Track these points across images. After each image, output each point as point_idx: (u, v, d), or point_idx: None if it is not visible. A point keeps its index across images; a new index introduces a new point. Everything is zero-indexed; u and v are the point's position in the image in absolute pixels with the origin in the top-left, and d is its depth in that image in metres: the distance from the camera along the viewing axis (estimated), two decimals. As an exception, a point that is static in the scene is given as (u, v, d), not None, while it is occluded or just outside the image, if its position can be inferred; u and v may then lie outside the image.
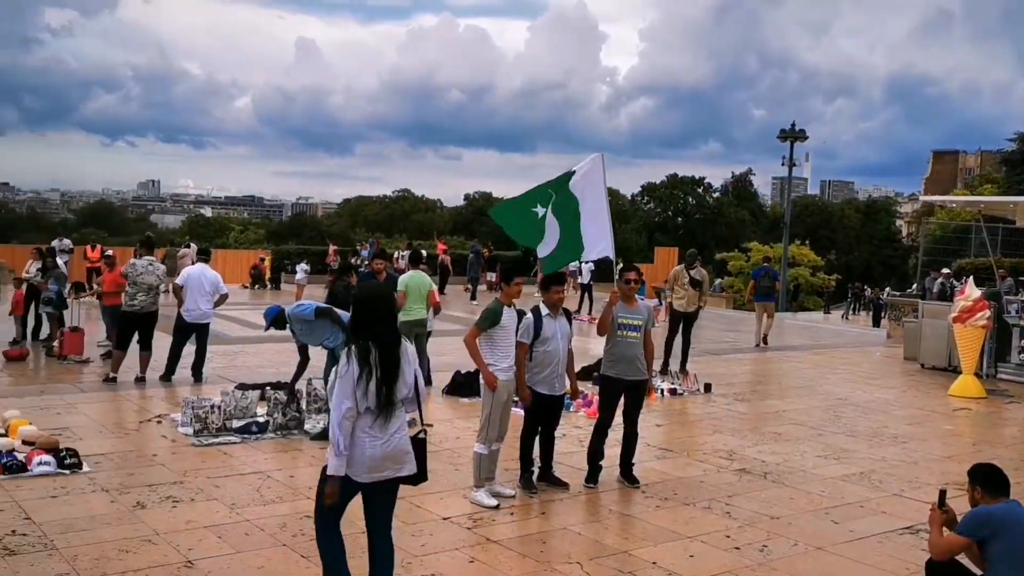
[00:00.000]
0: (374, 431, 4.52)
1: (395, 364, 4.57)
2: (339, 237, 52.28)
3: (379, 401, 4.50)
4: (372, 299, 4.77)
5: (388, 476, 4.60)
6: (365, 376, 4.47)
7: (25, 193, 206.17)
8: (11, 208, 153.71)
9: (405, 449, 4.65)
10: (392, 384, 4.54)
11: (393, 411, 4.57)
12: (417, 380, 4.74)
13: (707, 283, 14.55)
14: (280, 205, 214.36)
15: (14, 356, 12.93)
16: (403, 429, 4.66)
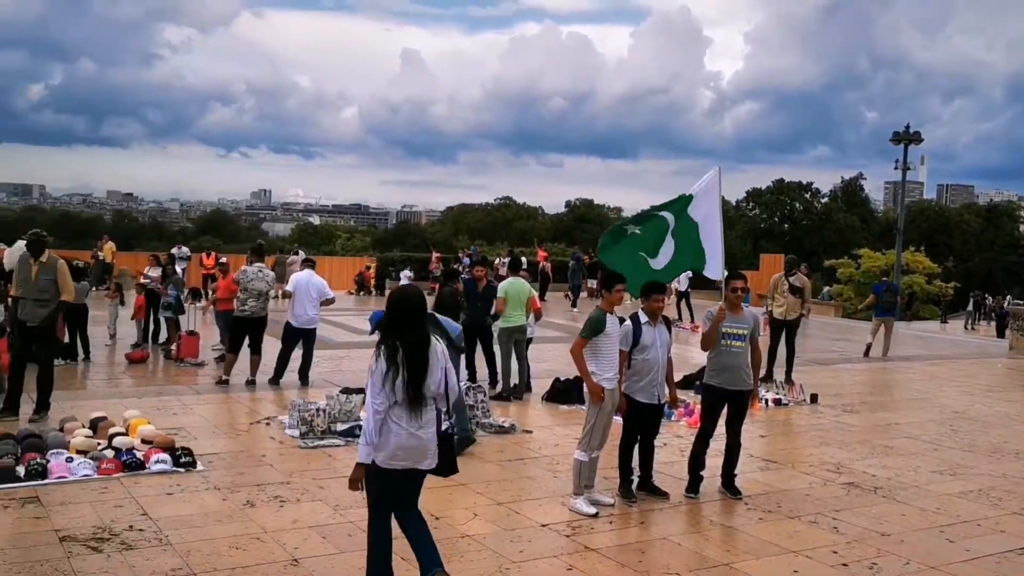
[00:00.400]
0: (403, 423, 4.77)
1: (422, 362, 4.81)
2: (442, 244, 53.05)
3: (407, 396, 4.75)
4: (402, 301, 4.96)
5: (409, 466, 4.83)
6: (392, 373, 4.73)
7: (148, 203, 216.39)
8: (134, 217, 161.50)
9: (427, 443, 4.87)
10: (419, 381, 4.79)
11: (422, 406, 4.82)
12: (448, 379, 4.95)
13: (808, 290, 14.10)
14: (385, 213, 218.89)
15: (135, 358, 13.56)
16: (433, 423, 4.90)
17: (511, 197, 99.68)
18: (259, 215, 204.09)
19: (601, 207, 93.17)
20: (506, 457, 8.54)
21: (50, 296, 9.27)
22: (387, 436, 4.77)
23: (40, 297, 9.22)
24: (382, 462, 4.79)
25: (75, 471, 7.22)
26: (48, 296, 9.26)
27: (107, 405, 9.78)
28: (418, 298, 5.05)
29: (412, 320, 4.91)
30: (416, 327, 4.89)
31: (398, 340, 4.82)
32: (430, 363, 4.85)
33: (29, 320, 9.21)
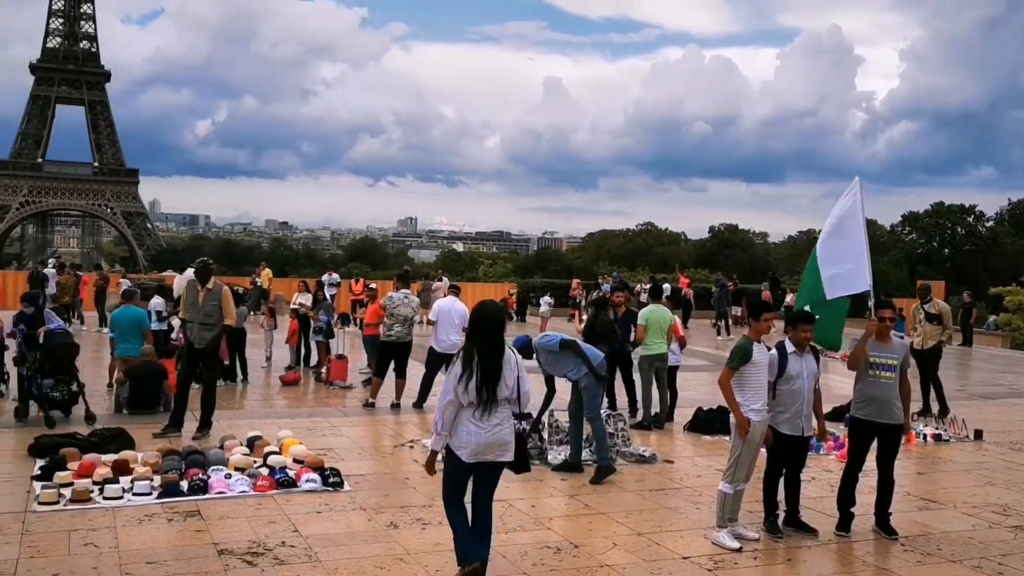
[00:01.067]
0: (477, 421, 5.38)
1: (495, 368, 5.40)
2: (583, 271, 53.11)
3: (480, 397, 5.35)
4: (481, 314, 5.59)
5: (489, 460, 5.45)
6: (466, 376, 5.36)
7: (301, 231, 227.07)
8: (289, 245, 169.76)
9: (506, 440, 5.48)
10: (491, 384, 5.37)
11: (494, 407, 5.40)
12: (520, 385, 5.53)
13: (947, 316, 13.26)
14: (527, 239, 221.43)
15: (289, 381, 14.18)
16: (506, 423, 5.47)
17: (652, 223, 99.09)
18: (405, 242, 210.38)
19: (746, 232, 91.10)
20: (647, 487, 8.42)
21: (215, 320, 9.86)
22: (467, 435, 5.38)
23: (206, 321, 9.81)
24: (468, 457, 5.39)
25: (233, 487, 7.60)
26: (213, 320, 9.85)
27: (262, 425, 10.26)
28: (498, 312, 5.68)
29: (488, 331, 5.52)
30: (493, 337, 5.49)
31: (476, 347, 5.45)
32: (503, 370, 5.42)
33: (196, 342, 9.80)
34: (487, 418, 5.40)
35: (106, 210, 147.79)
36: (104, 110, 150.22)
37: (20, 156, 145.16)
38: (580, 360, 8.79)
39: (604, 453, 8.69)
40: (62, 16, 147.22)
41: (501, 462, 5.53)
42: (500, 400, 5.44)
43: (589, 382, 8.75)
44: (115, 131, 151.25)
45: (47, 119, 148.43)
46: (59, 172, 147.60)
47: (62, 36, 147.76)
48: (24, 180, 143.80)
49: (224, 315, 9.92)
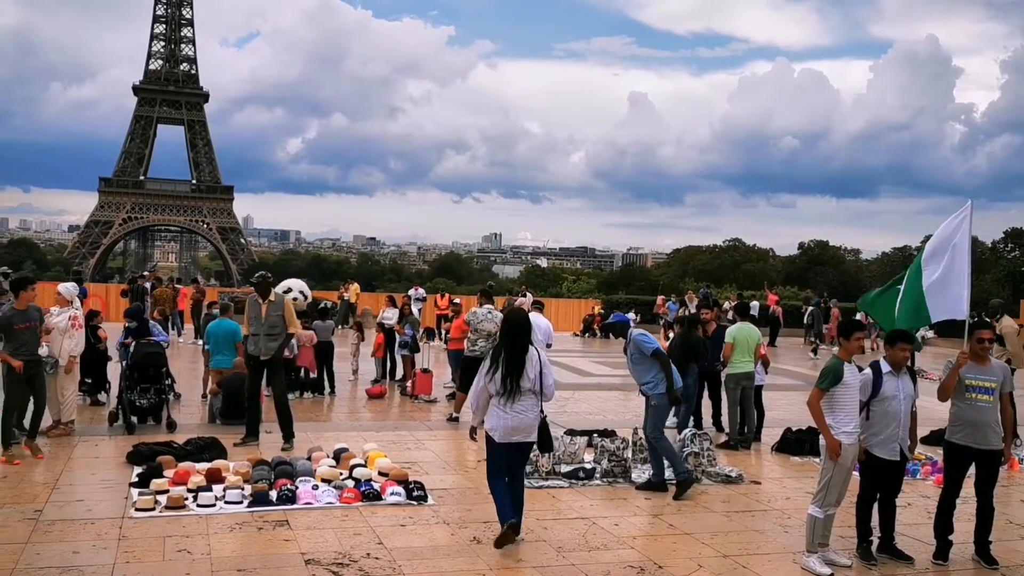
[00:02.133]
0: (503, 408, 6.53)
1: (519, 364, 6.52)
2: (668, 287, 52.54)
3: (505, 387, 6.49)
4: (510, 320, 6.81)
5: (516, 440, 6.59)
6: (492, 369, 6.54)
7: (389, 246, 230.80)
8: (376, 260, 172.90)
9: (530, 423, 6.61)
10: (515, 377, 6.50)
11: (517, 395, 6.52)
12: (544, 378, 6.60)
13: (1011, 338, 12.62)
14: (611, 255, 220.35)
15: (375, 394, 14.39)
16: (530, 410, 6.59)
17: (740, 239, 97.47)
18: (490, 258, 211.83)
19: (837, 249, 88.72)
20: (733, 508, 8.25)
21: (279, 331, 10.16)
22: (496, 419, 6.54)
23: (271, 332, 10.10)
24: (499, 438, 6.55)
25: (320, 498, 7.74)
26: (278, 331, 10.15)
27: (348, 437, 10.43)
28: (523, 318, 6.88)
29: (515, 333, 6.64)
30: (519, 339, 6.61)
31: (503, 346, 6.60)
32: (525, 365, 6.52)
33: (263, 354, 10.06)
34: (511, 405, 6.53)
35: (203, 225, 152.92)
36: (202, 129, 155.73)
37: (123, 174, 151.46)
38: (663, 376, 8.67)
39: (680, 467, 8.57)
40: (164, 40, 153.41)
41: (528, 442, 6.69)
42: (523, 390, 6.53)
43: (661, 402, 8.63)
44: (212, 149, 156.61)
45: (149, 139, 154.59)
46: (159, 189, 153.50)
47: (164, 59, 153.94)
48: (127, 197, 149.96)
49: (287, 324, 10.19)
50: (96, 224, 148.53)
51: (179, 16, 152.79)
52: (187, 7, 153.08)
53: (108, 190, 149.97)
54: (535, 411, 6.63)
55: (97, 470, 8.68)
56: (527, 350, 6.56)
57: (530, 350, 6.59)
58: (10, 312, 9.12)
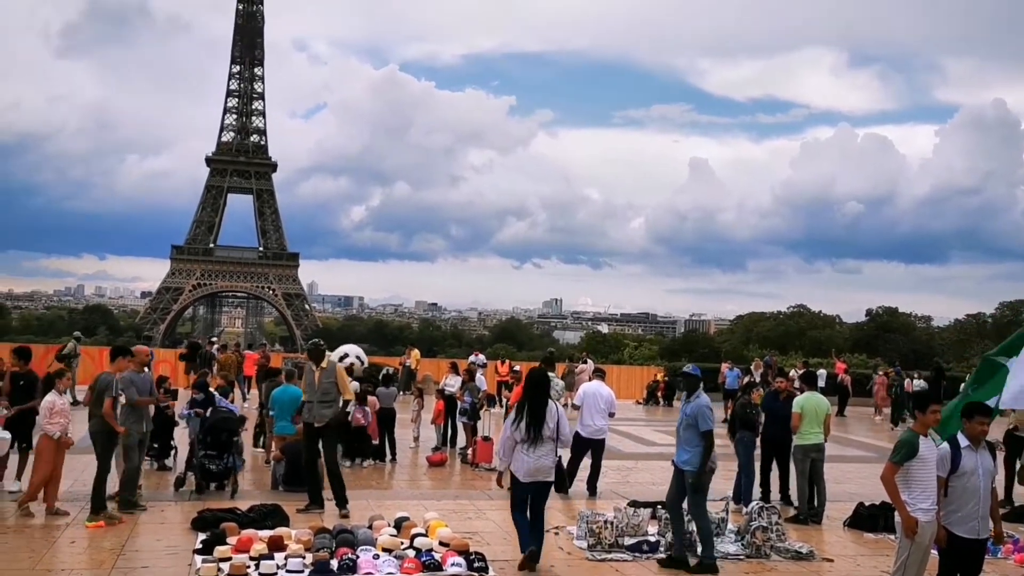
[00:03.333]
0: (526, 453, 7.80)
1: (540, 416, 7.83)
2: (732, 354, 51.76)
3: (529, 435, 7.77)
4: (532, 378, 8.16)
5: (537, 480, 7.87)
6: (518, 420, 7.86)
7: (450, 312, 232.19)
8: (438, 326, 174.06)
9: (548, 466, 7.95)
10: (537, 426, 7.80)
11: (539, 442, 7.81)
12: (560, 428, 7.92)
13: None
14: (673, 321, 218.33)
15: (435, 461, 14.33)
16: (548, 455, 7.91)
17: (805, 305, 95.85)
18: (550, 323, 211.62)
19: (907, 316, 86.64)
20: (804, 587, 7.94)
21: (332, 397, 10.24)
22: (521, 462, 7.80)
23: (324, 399, 10.18)
24: (523, 478, 7.82)
25: (381, 568, 7.67)
26: (331, 397, 10.23)
27: (409, 505, 10.37)
28: (543, 377, 8.27)
29: (537, 389, 7.99)
30: (539, 394, 7.94)
31: (527, 400, 7.92)
32: (546, 417, 7.83)
33: (316, 420, 10.12)
34: (533, 450, 7.80)
35: (269, 292, 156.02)
36: (270, 198, 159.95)
37: (194, 242, 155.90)
38: (699, 447, 8.40)
39: (709, 551, 8.29)
40: (236, 113, 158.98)
41: (547, 481, 8.00)
42: (544, 438, 7.82)
43: (697, 480, 8.37)
44: (279, 217, 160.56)
45: (219, 207, 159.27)
46: (228, 256, 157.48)
47: (235, 131, 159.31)
48: (197, 264, 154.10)
49: (341, 391, 10.26)
50: (167, 290, 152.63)
51: (251, 90, 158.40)
52: (259, 82, 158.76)
53: (179, 257, 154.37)
54: (552, 456, 8.01)
55: (162, 536, 8.75)
56: (547, 403, 7.93)
57: (549, 403, 7.94)
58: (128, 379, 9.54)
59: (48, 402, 9.61)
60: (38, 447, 9.66)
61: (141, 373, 9.93)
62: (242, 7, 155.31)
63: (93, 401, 9.44)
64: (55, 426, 9.46)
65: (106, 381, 9.41)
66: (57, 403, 9.64)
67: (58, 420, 9.52)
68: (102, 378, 9.56)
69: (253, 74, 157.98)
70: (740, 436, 11.54)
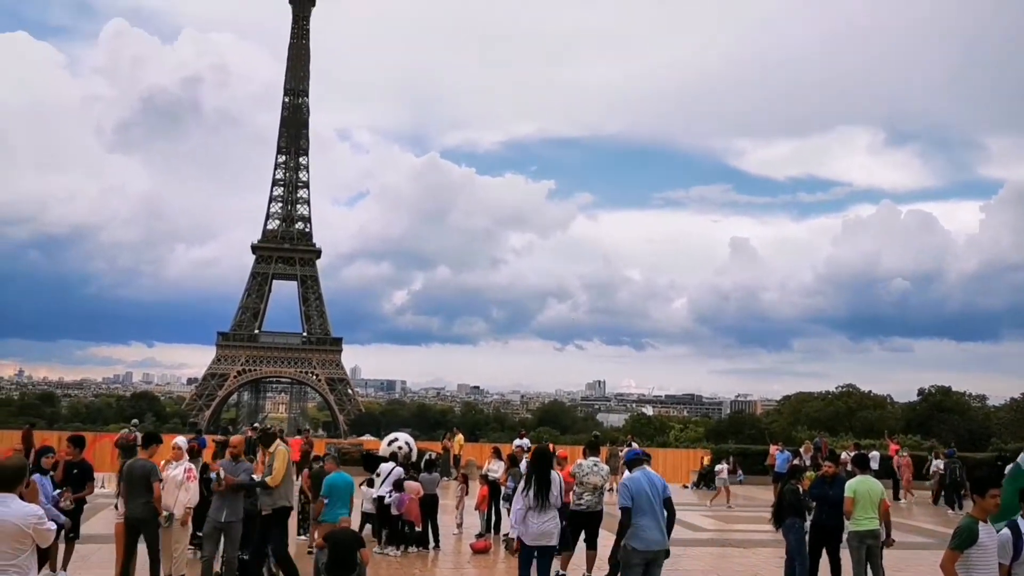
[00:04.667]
0: (534, 517, 8.98)
1: (546, 486, 9.11)
2: (780, 435, 50.70)
3: (537, 502, 9.01)
4: (538, 454, 9.49)
5: (542, 544, 8.97)
6: (527, 488, 9.10)
7: (492, 395, 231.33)
8: (479, 409, 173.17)
9: (552, 531, 9.14)
10: (543, 494, 9.07)
11: (545, 509, 9.07)
12: (562, 496, 9.44)
13: None
14: (719, 403, 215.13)
15: (479, 548, 14.10)
16: (552, 520, 9.11)
17: (854, 384, 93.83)
18: (593, 406, 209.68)
19: (961, 395, 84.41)
20: None
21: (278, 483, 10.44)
22: (530, 527, 8.97)
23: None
24: (528, 541, 9.00)
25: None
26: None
27: (453, 595, 10.15)
28: (546, 452, 9.59)
29: (542, 464, 9.26)
30: (544, 470, 9.23)
31: (534, 472, 9.20)
32: (551, 487, 9.15)
33: (263, 508, 10.32)
34: (539, 516, 9.01)
35: (312, 377, 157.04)
36: (314, 284, 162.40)
37: (240, 328, 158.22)
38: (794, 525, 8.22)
39: None
40: (281, 201, 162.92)
41: (551, 545, 9.16)
42: (549, 505, 9.12)
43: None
44: (323, 303, 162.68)
45: (264, 294, 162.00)
46: (272, 342, 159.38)
47: (280, 219, 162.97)
48: (242, 350, 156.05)
49: (274, 476, 10.38)
50: (213, 377, 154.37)
51: (296, 179, 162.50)
52: (303, 171, 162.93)
53: (225, 344, 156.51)
54: (556, 522, 9.23)
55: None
56: (551, 475, 9.26)
57: (552, 474, 9.27)
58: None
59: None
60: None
61: (236, 463, 10.14)
62: (288, 100, 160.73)
63: (136, 487, 9.50)
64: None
65: (148, 467, 9.47)
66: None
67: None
68: (142, 464, 9.64)
69: (298, 163, 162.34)
70: (790, 523, 11.20)
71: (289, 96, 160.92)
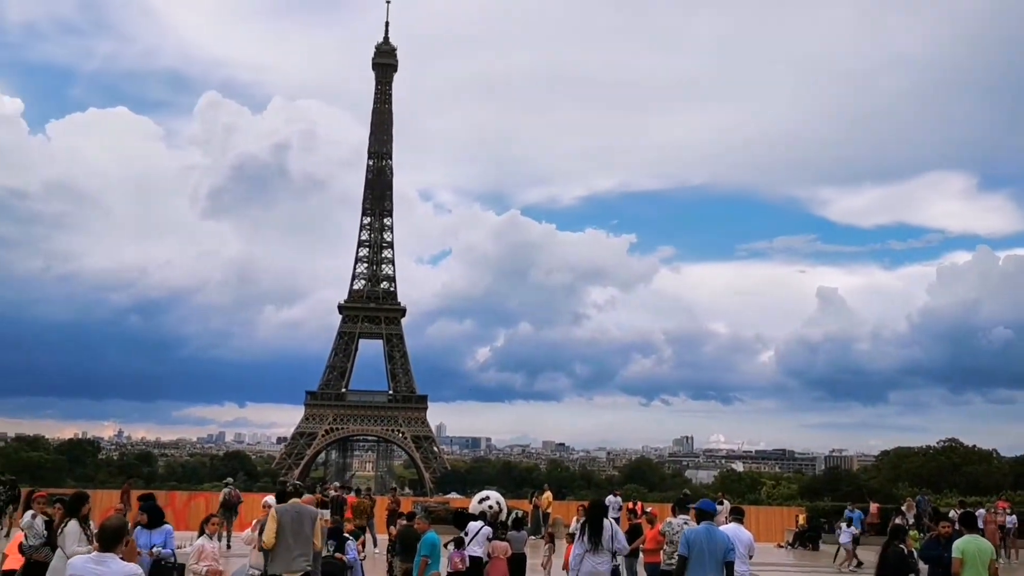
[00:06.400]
0: (589, 559, 10.58)
1: (598, 532, 10.67)
2: (879, 492, 48.77)
3: (591, 546, 10.59)
4: (593, 505, 11.29)
5: None
6: (584, 536, 10.70)
7: (578, 452, 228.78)
8: (565, 466, 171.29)
9: (604, 572, 10.73)
10: (595, 537, 10.65)
11: (598, 551, 10.66)
12: (616, 540, 10.90)
13: None
14: (812, 458, 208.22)
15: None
16: (605, 563, 10.71)
17: (956, 439, 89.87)
18: (682, 462, 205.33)
19: (1073, 446, 79.98)
20: None
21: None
22: (584, 566, 10.55)
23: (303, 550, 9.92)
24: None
25: None
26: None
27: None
28: (600, 503, 11.75)
29: (596, 512, 10.90)
30: (598, 516, 10.86)
31: (588, 520, 10.74)
32: (604, 532, 10.66)
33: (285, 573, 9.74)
34: (593, 557, 10.52)
35: (398, 435, 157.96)
36: (399, 342, 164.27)
37: (327, 387, 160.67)
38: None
39: None
40: (367, 262, 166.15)
41: None
42: (603, 548, 10.58)
43: None
44: (408, 360, 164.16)
45: (351, 353, 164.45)
46: (359, 400, 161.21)
47: (366, 279, 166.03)
48: (330, 409, 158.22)
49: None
50: (301, 436, 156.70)
51: (381, 239, 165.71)
52: (388, 231, 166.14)
53: (313, 403, 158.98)
54: (608, 564, 10.82)
55: None
56: (603, 523, 10.77)
57: (604, 522, 10.80)
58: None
59: (197, 545, 10.08)
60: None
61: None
62: (372, 162, 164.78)
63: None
64: (200, 567, 9.88)
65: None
66: (207, 547, 10.14)
67: (206, 562, 9.97)
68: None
69: (383, 224, 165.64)
70: None
71: (373, 159, 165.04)
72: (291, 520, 9.51)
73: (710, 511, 9.94)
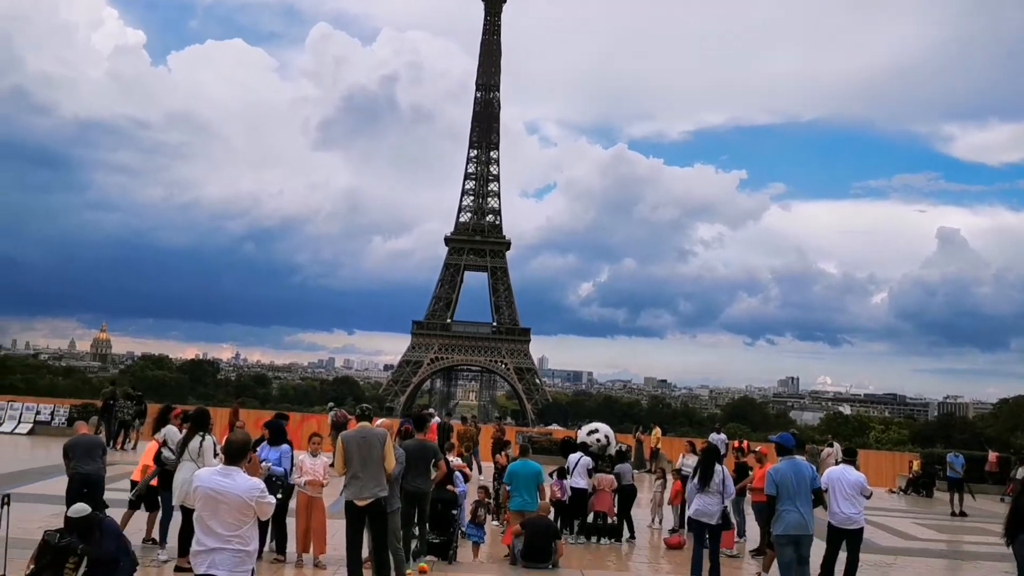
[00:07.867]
0: (700, 498, 10.64)
1: (708, 475, 10.72)
2: (996, 441, 46.91)
3: (702, 486, 10.71)
4: (708, 451, 11.20)
5: (703, 520, 10.57)
6: (694, 475, 11.02)
7: (679, 389, 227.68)
8: (667, 403, 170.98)
9: (712, 511, 10.62)
10: (705, 478, 10.74)
11: (707, 491, 10.61)
12: (725, 484, 10.80)
13: None
14: (925, 404, 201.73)
15: (673, 544, 13.79)
16: (714, 503, 10.69)
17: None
18: (786, 403, 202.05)
19: None
20: None
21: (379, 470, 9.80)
22: (694, 505, 10.72)
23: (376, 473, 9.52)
24: (692, 515, 10.71)
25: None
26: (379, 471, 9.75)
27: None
28: (715, 449, 11.39)
29: (710, 456, 10.90)
30: (711, 460, 10.88)
31: (701, 462, 11.00)
32: (714, 476, 10.72)
33: (358, 499, 9.39)
34: (703, 496, 10.56)
35: (501, 366, 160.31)
36: (503, 275, 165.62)
37: (433, 318, 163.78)
38: None
39: None
40: (473, 195, 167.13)
41: (713, 524, 10.50)
42: (712, 490, 10.57)
43: None
44: (512, 294, 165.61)
45: (456, 285, 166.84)
46: (464, 331, 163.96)
47: (472, 212, 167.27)
48: (435, 339, 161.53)
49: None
50: (408, 364, 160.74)
51: (487, 173, 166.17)
52: (494, 164, 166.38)
53: (419, 332, 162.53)
54: (717, 505, 10.64)
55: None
56: (714, 465, 10.76)
57: (716, 467, 10.75)
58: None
59: (298, 461, 10.66)
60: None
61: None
62: (480, 95, 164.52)
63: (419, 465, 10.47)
64: (301, 480, 10.98)
65: (431, 448, 10.91)
66: (307, 463, 11.03)
67: (307, 476, 10.92)
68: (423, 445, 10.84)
69: (489, 157, 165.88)
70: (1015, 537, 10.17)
71: (481, 91, 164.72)
72: (358, 447, 9.33)
73: (789, 446, 10.05)
